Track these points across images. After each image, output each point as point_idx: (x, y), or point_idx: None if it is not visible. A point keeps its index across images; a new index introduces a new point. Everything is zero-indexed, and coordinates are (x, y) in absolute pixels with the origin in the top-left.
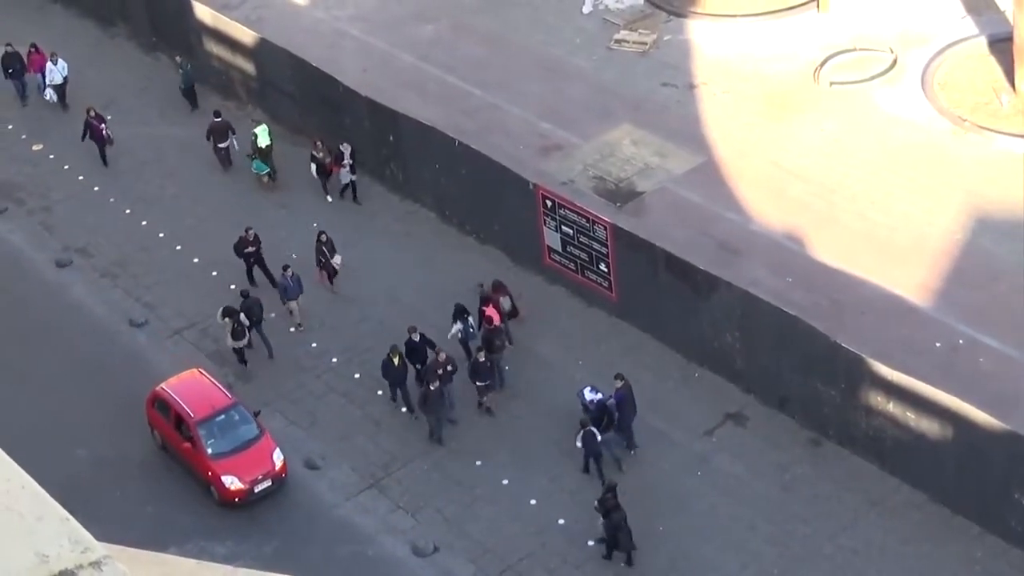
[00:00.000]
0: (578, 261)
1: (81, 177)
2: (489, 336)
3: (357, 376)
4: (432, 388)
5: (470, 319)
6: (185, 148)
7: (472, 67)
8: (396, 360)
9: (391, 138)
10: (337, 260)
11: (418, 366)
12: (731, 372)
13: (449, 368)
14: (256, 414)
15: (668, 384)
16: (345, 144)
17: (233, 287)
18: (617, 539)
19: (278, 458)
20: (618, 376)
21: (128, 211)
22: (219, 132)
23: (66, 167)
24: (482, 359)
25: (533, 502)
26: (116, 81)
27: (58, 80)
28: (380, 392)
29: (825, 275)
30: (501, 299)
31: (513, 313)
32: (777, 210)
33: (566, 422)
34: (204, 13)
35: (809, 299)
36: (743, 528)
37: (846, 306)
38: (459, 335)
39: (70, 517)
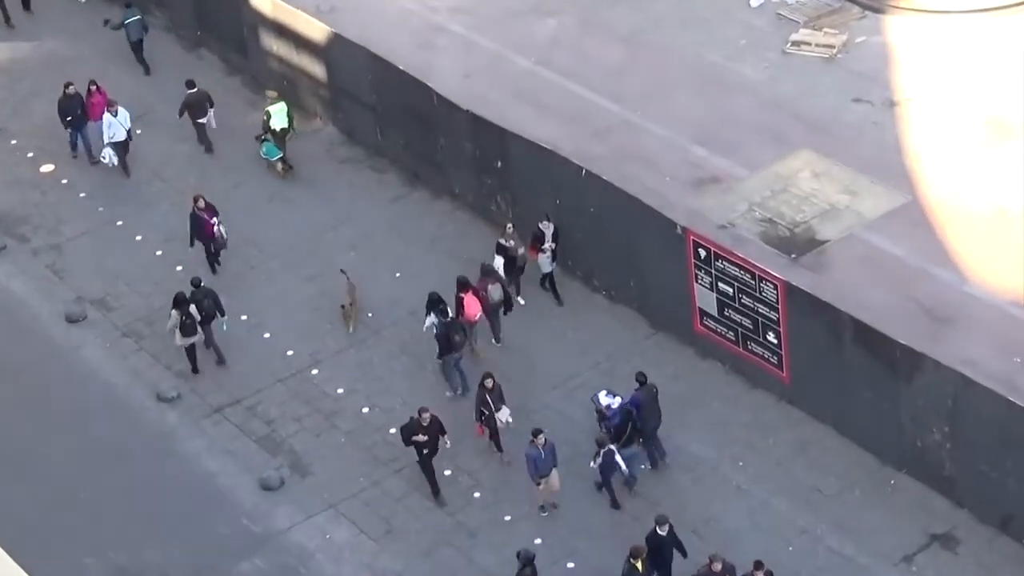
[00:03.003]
0: (739, 329)
1: (101, 208)
2: (445, 330)
3: (448, 473)
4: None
5: (448, 312)
6: (235, 171)
7: (605, 74)
8: None
9: (498, 164)
10: (505, 414)
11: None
12: (938, 480)
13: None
14: None
15: (854, 493)
16: (546, 222)
17: (291, 353)
18: None
19: None
20: (639, 376)
21: (159, 252)
22: (197, 105)
23: (82, 195)
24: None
25: None
26: (151, 84)
27: (120, 136)
28: (477, 494)
29: None
30: (490, 287)
31: (506, 305)
32: (1003, 268)
33: (711, 543)
34: (263, 2)
35: None
36: None
37: None
38: (434, 329)
39: None
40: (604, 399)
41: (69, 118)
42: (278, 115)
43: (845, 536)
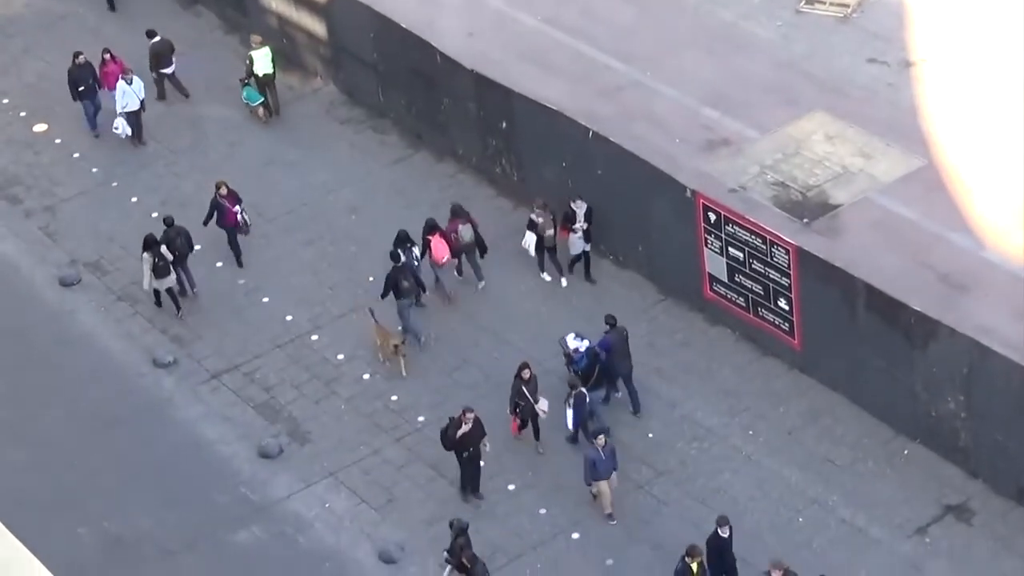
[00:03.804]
0: (750, 295)
1: (95, 169)
2: (393, 275)
3: None
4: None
5: (415, 250)
6: (232, 130)
7: (613, 33)
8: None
9: (503, 125)
10: (544, 405)
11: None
12: (953, 450)
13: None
14: None
15: (867, 464)
16: (579, 201)
17: (290, 318)
18: None
19: None
20: (608, 319)
21: (155, 214)
22: (161, 55)
23: (76, 155)
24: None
25: None
26: (144, 43)
27: (133, 106)
28: (482, 463)
29: None
30: (460, 227)
31: (481, 247)
32: (1020, 233)
33: (720, 513)
34: None
35: None
36: None
37: None
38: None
39: None
40: (572, 342)
41: (81, 88)
42: (261, 60)
43: (857, 507)
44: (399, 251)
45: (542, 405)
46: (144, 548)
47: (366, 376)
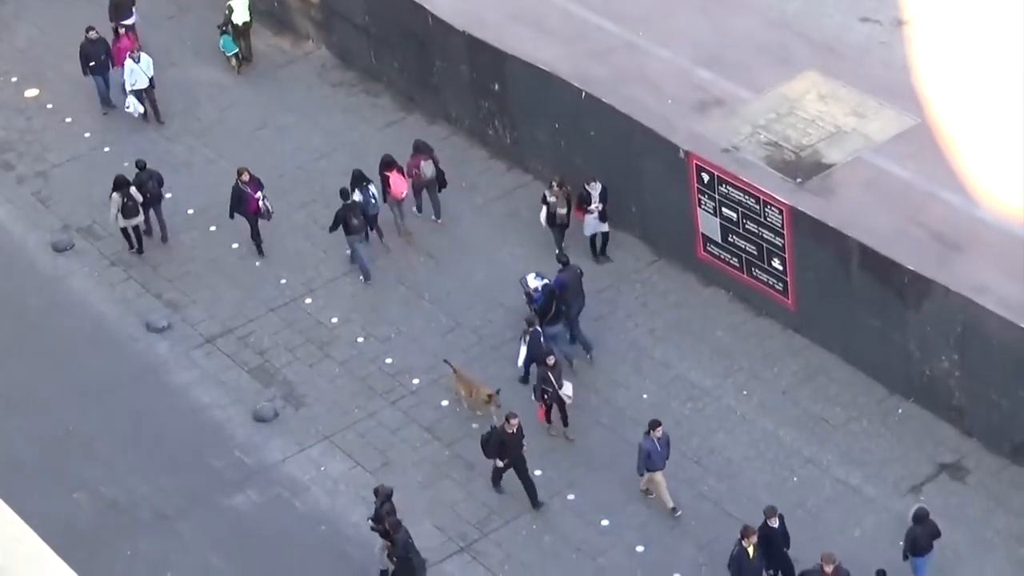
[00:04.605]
0: (743, 255)
1: (88, 134)
2: (342, 212)
3: (445, 403)
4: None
5: (372, 188)
6: (224, 93)
7: None
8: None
9: (496, 87)
10: (568, 390)
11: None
12: (947, 409)
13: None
14: None
15: (861, 423)
16: (594, 183)
17: (283, 282)
18: (410, 568)
19: None
20: (561, 257)
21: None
22: (121, 6)
23: (68, 120)
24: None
25: None
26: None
27: (143, 83)
28: (476, 425)
29: None
30: (422, 163)
31: (441, 182)
32: (1014, 191)
33: (714, 474)
34: None
35: None
36: None
37: None
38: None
39: None
40: (532, 282)
41: (92, 63)
42: (240, 8)
43: (852, 466)
44: (355, 189)
45: (566, 390)
46: (140, 512)
47: (360, 339)
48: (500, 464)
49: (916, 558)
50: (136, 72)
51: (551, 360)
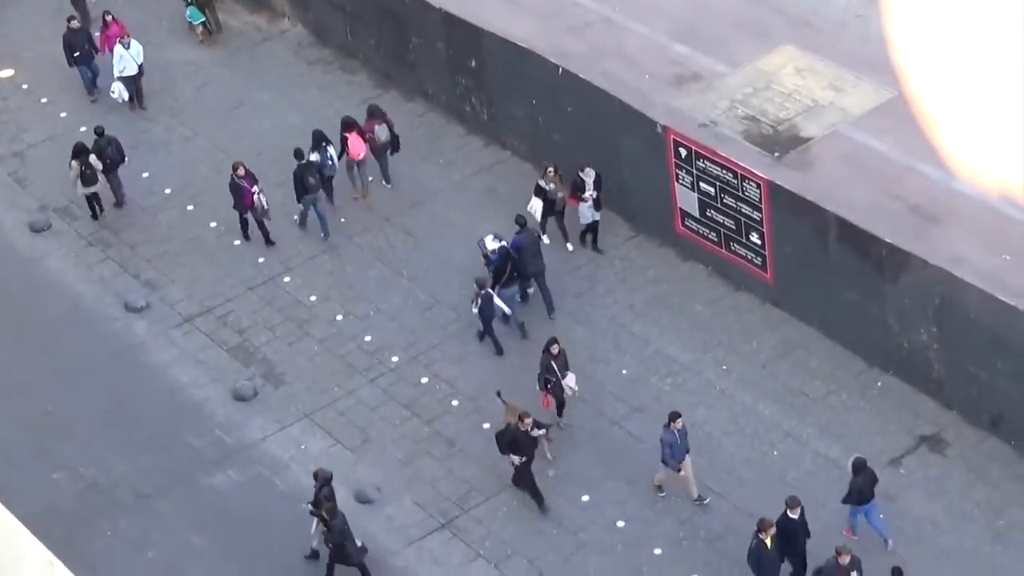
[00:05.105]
0: (722, 230)
1: (64, 114)
2: (299, 172)
3: (424, 380)
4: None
5: (330, 149)
6: (201, 72)
7: None
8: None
9: (472, 64)
10: (571, 380)
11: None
12: (926, 381)
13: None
14: None
15: (840, 396)
16: (588, 169)
17: (262, 260)
18: (345, 554)
19: None
20: (519, 219)
21: (125, 159)
22: None
23: (44, 100)
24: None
25: (658, 552)
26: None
27: (132, 70)
28: (456, 402)
29: None
30: (377, 127)
31: (394, 146)
32: (991, 163)
33: (695, 449)
34: None
35: None
36: None
37: None
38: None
39: (55, 560)
40: (490, 243)
41: (76, 54)
42: None
43: (831, 439)
44: (314, 149)
45: (569, 381)
46: (120, 493)
47: (339, 317)
48: (516, 461)
49: (863, 507)
50: (125, 58)
51: (555, 349)
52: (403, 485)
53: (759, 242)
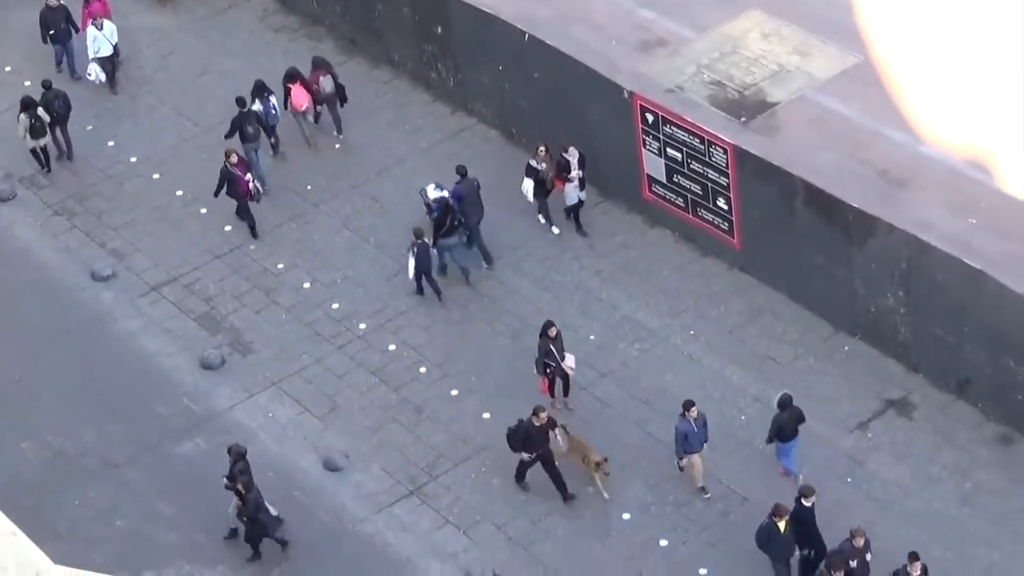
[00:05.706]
0: (689, 195)
1: (28, 83)
2: (238, 119)
3: (392, 348)
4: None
5: (272, 99)
6: (165, 40)
7: None
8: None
9: (438, 30)
10: (571, 361)
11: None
12: (893, 345)
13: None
14: None
15: (808, 361)
16: (572, 149)
17: (228, 228)
18: (261, 527)
19: None
20: (459, 169)
21: (90, 127)
22: None
23: (7, 69)
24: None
25: (626, 516)
26: None
27: (106, 51)
28: (423, 369)
29: (1022, 215)
30: (322, 78)
31: (341, 97)
32: (958, 128)
33: (662, 413)
34: None
35: (1000, 247)
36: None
37: None
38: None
39: (17, 531)
40: (432, 193)
41: (52, 32)
42: None
43: (799, 403)
44: (256, 99)
45: (569, 362)
46: (88, 461)
47: (306, 285)
48: (527, 458)
49: (782, 444)
50: (99, 39)
51: (553, 331)
52: (371, 452)
53: (726, 207)
